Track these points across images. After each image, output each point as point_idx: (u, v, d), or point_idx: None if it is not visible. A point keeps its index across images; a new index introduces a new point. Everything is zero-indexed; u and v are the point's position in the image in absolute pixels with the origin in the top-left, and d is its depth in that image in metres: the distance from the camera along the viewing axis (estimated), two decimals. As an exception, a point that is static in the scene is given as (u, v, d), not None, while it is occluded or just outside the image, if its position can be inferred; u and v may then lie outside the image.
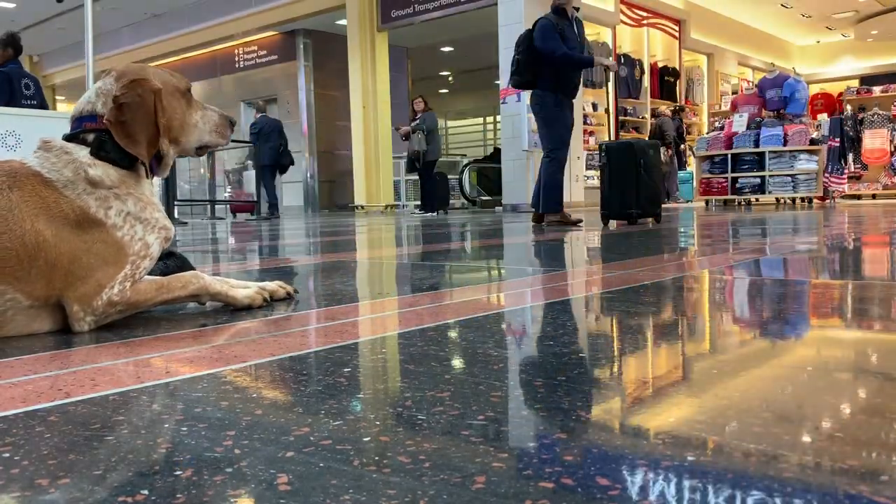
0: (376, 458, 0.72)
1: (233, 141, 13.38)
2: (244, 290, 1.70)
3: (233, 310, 1.67)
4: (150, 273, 1.66)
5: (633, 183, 5.76)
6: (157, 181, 1.78)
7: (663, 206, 6.56)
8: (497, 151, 14.60)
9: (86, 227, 1.44)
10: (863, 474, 0.64)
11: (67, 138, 1.54)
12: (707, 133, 12.62)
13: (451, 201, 13.82)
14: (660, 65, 15.39)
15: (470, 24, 13.82)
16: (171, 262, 1.83)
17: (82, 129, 1.54)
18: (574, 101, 6.13)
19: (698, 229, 4.96)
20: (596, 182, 13.49)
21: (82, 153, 1.50)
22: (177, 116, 1.64)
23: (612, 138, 8.14)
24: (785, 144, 10.23)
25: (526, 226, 6.09)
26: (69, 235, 1.42)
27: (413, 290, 2.06)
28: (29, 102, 6.35)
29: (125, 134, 1.52)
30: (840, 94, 15.15)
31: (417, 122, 11.47)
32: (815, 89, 16.89)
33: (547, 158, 5.91)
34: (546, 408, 0.88)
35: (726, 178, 10.76)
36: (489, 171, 15.18)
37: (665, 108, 14.35)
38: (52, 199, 1.42)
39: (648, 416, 0.86)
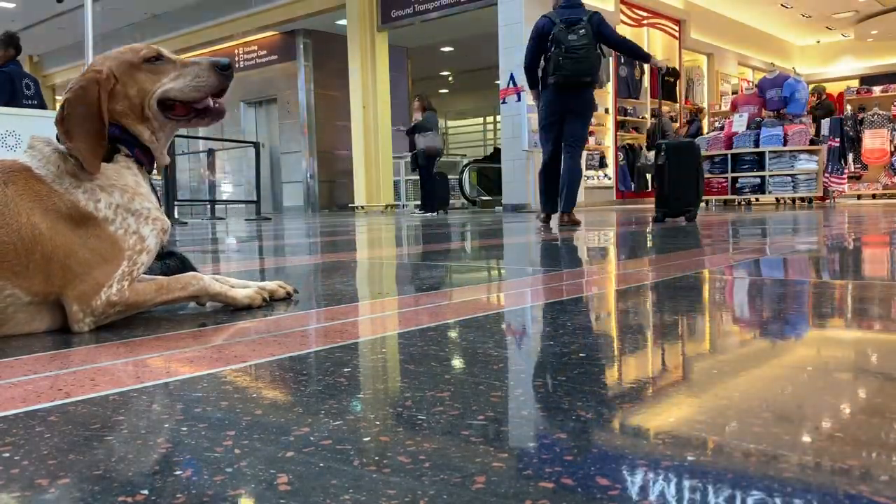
0: (376, 458, 0.72)
1: (234, 141, 13.35)
2: (243, 290, 1.70)
3: (232, 310, 1.67)
4: (150, 272, 1.65)
5: (694, 181, 6.12)
6: (156, 182, 1.76)
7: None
8: (497, 151, 14.60)
9: (78, 221, 1.45)
10: (863, 474, 0.64)
11: (58, 136, 1.54)
12: (707, 133, 12.62)
13: (451, 201, 13.80)
14: (660, 65, 15.38)
15: (470, 24, 13.82)
16: (171, 261, 1.83)
17: None
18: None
19: (713, 228, 4.96)
20: (596, 182, 13.52)
21: (62, 148, 1.50)
22: (134, 94, 1.55)
23: (613, 139, 8.17)
24: (785, 144, 10.23)
25: (528, 225, 6.08)
26: (64, 229, 1.42)
27: (413, 290, 2.06)
28: (30, 102, 6.35)
29: (64, 131, 1.48)
30: (840, 94, 15.16)
31: (420, 121, 11.44)
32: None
33: (579, 153, 5.88)
34: (546, 408, 0.88)
35: (726, 178, 10.77)
36: (489, 171, 15.17)
37: (666, 108, 14.37)
38: (44, 193, 1.43)
39: (648, 416, 0.86)
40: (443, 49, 17.67)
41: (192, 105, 1.61)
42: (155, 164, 1.66)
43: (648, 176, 14.42)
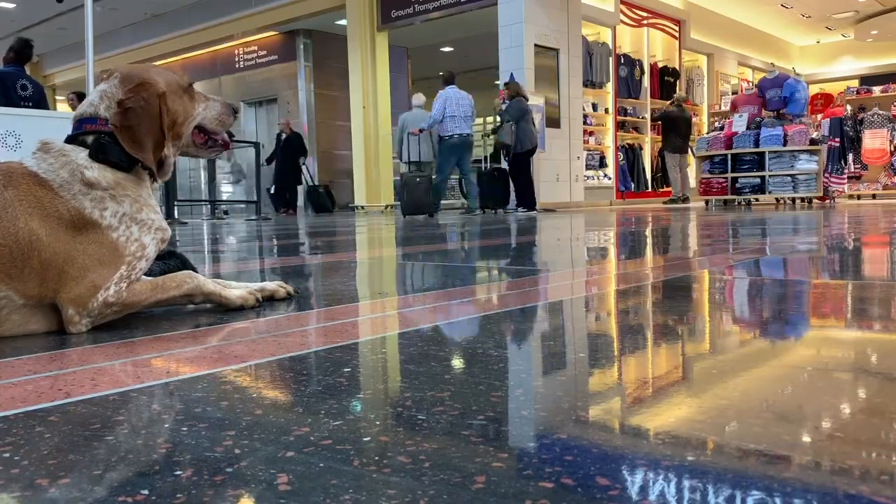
0: (376, 458, 0.72)
1: (234, 141, 13.50)
2: (237, 290, 1.70)
3: (225, 310, 1.66)
4: (149, 273, 1.66)
5: None
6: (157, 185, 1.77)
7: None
8: (497, 151, 14.57)
9: (80, 227, 1.45)
10: (863, 474, 0.64)
11: (68, 140, 1.55)
12: (707, 133, 12.63)
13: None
14: (660, 65, 15.40)
15: (470, 24, 13.82)
16: (171, 261, 1.83)
17: (82, 130, 1.55)
18: None
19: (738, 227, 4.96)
20: (596, 182, 13.52)
21: (81, 155, 1.50)
22: (180, 115, 1.66)
23: (613, 139, 7.87)
24: (785, 144, 10.23)
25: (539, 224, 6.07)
26: (64, 235, 1.42)
27: (413, 290, 2.06)
28: (26, 104, 6.36)
29: (131, 139, 1.54)
30: (840, 94, 15.16)
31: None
32: (815, 89, 16.90)
33: None
34: (546, 408, 0.88)
35: (726, 178, 10.77)
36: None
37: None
38: (46, 199, 1.43)
39: (648, 416, 0.86)
40: (443, 49, 17.67)
41: (210, 135, 1.76)
42: (159, 178, 1.68)
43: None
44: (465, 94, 9.61)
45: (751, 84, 15.19)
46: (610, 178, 13.89)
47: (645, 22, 14.64)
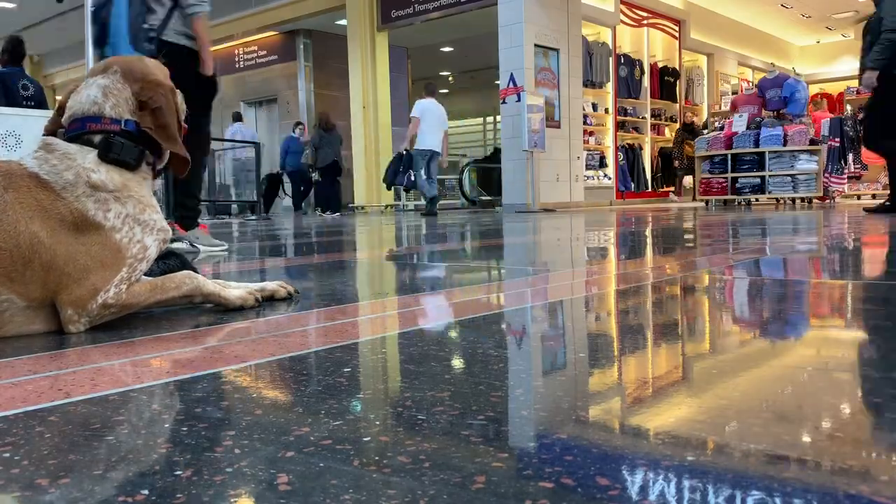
0: (376, 458, 0.72)
1: (234, 141, 13.53)
2: (236, 290, 1.70)
3: (225, 310, 1.66)
4: (149, 273, 1.66)
5: None
6: (158, 182, 1.79)
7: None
8: (497, 151, 14.60)
9: (83, 229, 1.44)
10: (863, 474, 0.64)
11: (70, 139, 1.53)
12: (707, 133, 12.63)
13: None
14: (660, 65, 15.40)
15: (470, 24, 13.82)
16: (171, 261, 1.83)
17: (86, 130, 1.53)
18: None
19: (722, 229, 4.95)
20: (596, 182, 13.52)
21: (89, 157, 1.49)
22: (179, 107, 1.72)
23: (613, 139, 7.99)
24: (785, 144, 10.22)
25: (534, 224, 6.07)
26: (66, 237, 1.41)
27: (413, 290, 2.06)
28: (27, 103, 6.37)
29: (168, 136, 1.59)
30: (840, 94, 15.16)
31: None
32: (814, 89, 16.89)
33: None
34: (546, 408, 0.88)
35: (726, 178, 10.76)
36: (489, 171, 15.16)
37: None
38: (48, 201, 1.42)
39: (648, 416, 0.86)
40: (443, 49, 17.66)
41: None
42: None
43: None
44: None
45: (751, 84, 15.18)
46: (610, 178, 13.89)
47: (645, 22, 14.63)
